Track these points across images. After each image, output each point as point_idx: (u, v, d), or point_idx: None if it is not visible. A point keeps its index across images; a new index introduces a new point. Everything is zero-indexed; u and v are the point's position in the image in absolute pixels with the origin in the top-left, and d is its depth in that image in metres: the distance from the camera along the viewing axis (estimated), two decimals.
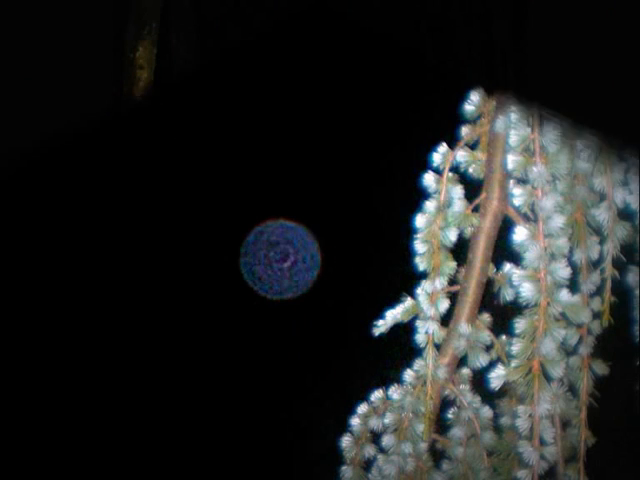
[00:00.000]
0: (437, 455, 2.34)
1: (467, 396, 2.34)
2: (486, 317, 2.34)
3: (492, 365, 2.24)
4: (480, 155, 2.33)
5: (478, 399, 2.34)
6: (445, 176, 2.30)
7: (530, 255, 2.14)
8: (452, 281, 2.31)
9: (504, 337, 2.31)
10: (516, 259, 2.19)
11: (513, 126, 2.16)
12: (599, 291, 2.23)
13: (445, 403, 2.35)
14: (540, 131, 2.14)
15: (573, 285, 2.19)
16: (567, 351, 2.24)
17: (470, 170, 2.34)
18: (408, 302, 2.33)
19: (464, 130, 2.34)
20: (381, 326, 2.34)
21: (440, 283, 2.28)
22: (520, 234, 2.16)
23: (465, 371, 2.35)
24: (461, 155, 2.33)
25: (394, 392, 2.32)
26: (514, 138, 2.16)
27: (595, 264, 2.22)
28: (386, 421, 2.31)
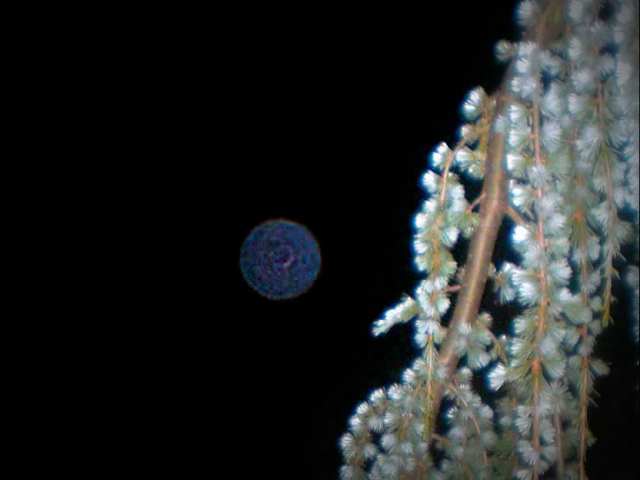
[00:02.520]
0: (437, 455, 2.34)
1: (467, 396, 2.34)
2: (486, 317, 2.34)
3: (492, 365, 2.24)
4: (480, 155, 2.33)
5: (478, 399, 2.34)
6: (445, 176, 2.30)
7: (530, 255, 2.13)
8: (452, 281, 2.31)
9: (504, 337, 2.31)
10: (516, 259, 2.18)
11: (513, 126, 2.15)
12: (599, 291, 2.23)
13: (445, 403, 2.35)
14: (540, 131, 2.14)
15: (573, 285, 2.19)
16: (567, 351, 2.24)
17: (470, 170, 2.34)
18: (408, 302, 2.32)
19: (464, 130, 2.34)
20: (381, 326, 2.34)
21: (440, 283, 2.28)
22: (520, 234, 2.15)
23: (465, 371, 2.35)
24: (461, 155, 2.33)
25: (394, 392, 2.32)
26: (514, 138, 2.15)
27: (595, 264, 2.22)
28: (386, 421, 2.31)
